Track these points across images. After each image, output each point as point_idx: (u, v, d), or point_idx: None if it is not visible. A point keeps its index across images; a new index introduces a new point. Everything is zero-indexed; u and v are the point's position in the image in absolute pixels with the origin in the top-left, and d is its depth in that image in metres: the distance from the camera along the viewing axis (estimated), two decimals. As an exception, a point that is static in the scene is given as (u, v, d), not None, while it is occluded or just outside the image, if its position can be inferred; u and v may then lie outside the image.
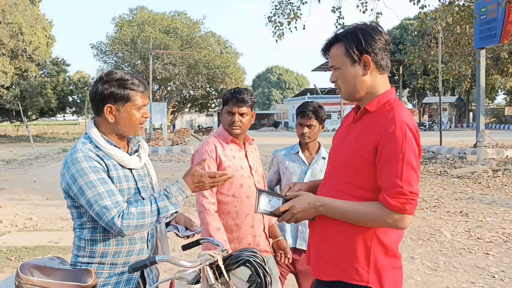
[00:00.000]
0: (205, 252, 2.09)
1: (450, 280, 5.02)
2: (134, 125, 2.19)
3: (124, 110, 2.16)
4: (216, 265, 2.07)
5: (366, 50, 1.91)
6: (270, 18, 14.22)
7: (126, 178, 2.19)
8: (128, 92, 2.14)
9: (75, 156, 2.09)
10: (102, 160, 2.12)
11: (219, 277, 2.07)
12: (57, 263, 2.15)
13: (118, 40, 42.15)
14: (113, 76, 2.16)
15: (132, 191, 2.21)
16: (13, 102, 34.22)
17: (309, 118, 3.14)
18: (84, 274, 2.05)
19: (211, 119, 66.20)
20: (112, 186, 2.07)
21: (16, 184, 13.68)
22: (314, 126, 3.16)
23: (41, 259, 2.15)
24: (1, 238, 6.95)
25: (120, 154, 2.19)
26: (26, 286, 1.94)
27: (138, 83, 2.17)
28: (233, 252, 2.17)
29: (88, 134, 2.21)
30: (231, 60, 45.34)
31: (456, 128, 49.55)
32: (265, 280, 2.10)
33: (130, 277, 2.20)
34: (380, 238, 1.91)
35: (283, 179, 3.24)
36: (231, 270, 2.13)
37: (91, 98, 2.21)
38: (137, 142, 2.34)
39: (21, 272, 1.96)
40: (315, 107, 3.18)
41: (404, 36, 48.10)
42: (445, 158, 16.75)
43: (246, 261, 2.11)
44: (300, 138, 3.21)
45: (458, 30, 16.85)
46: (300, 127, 3.18)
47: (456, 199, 9.76)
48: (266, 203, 2.01)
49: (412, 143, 1.83)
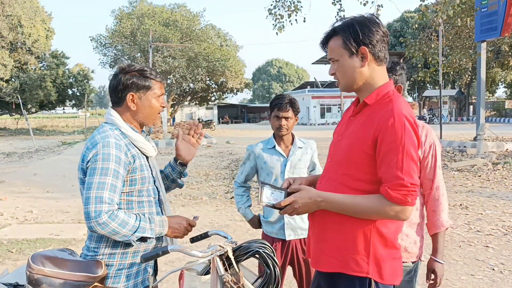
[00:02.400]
0: (215, 244, 2.10)
1: (450, 272, 5.04)
2: (154, 113, 2.31)
3: (145, 98, 2.27)
4: (225, 256, 2.09)
5: (364, 42, 1.91)
6: (271, 10, 14.16)
7: (147, 166, 2.28)
8: (149, 81, 2.27)
9: (107, 140, 2.14)
10: (129, 150, 2.19)
11: (228, 268, 2.08)
12: (67, 254, 2.19)
13: (117, 33, 41.98)
14: (134, 67, 2.28)
15: (151, 179, 2.29)
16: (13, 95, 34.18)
17: (286, 110, 3.15)
18: (94, 265, 2.09)
19: (211, 112, 66.13)
20: (120, 183, 2.12)
21: (16, 177, 13.69)
22: (290, 118, 3.17)
23: (51, 250, 2.18)
24: (2, 230, 6.97)
25: (144, 141, 2.28)
26: (37, 276, 1.97)
27: (156, 73, 2.32)
28: (243, 243, 2.17)
29: (110, 121, 2.25)
30: (231, 53, 45.20)
31: (456, 122, 49.53)
32: (275, 271, 2.11)
33: (147, 265, 2.27)
34: (380, 229, 1.91)
35: (262, 174, 3.23)
36: (241, 261, 2.14)
37: (113, 89, 2.27)
38: (146, 134, 2.39)
39: (32, 263, 1.99)
40: (291, 99, 3.19)
41: (405, 29, 47.97)
42: (445, 151, 16.77)
43: (255, 252, 2.12)
44: (276, 131, 3.20)
45: (459, 23, 16.79)
46: (276, 119, 3.17)
47: (456, 192, 9.78)
48: (268, 195, 2.03)
49: (411, 135, 1.84)
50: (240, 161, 15.67)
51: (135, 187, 2.20)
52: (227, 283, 2.02)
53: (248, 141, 25.37)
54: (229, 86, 47.46)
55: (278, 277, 2.11)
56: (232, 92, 51.35)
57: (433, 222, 2.48)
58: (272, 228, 3.20)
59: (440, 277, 2.51)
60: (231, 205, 8.70)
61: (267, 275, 2.12)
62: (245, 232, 6.88)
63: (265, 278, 2.13)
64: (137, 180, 2.20)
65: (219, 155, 19.32)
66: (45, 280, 1.97)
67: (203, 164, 16.16)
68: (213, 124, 46.25)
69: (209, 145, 24.49)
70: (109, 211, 2.02)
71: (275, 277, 2.10)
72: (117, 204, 2.09)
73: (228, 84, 46.89)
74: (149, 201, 2.27)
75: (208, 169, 14.64)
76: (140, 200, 2.23)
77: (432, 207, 2.45)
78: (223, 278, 2.03)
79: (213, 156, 18.97)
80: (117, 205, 2.08)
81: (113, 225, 2.01)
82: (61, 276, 1.99)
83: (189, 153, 2.56)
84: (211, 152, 20.49)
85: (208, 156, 19.00)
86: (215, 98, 53.06)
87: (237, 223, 7.43)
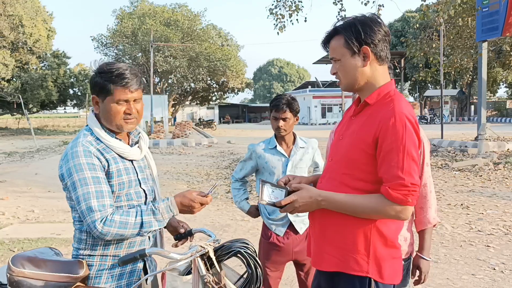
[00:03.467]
0: (196, 244, 2.09)
1: (451, 272, 5.04)
2: (114, 119, 2.15)
3: (106, 102, 2.14)
4: (207, 256, 2.08)
5: (366, 41, 1.91)
6: (272, 10, 14.16)
7: (126, 171, 2.20)
8: (108, 86, 2.12)
9: (75, 149, 2.10)
10: (102, 155, 2.13)
11: (210, 268, 2.08)
12: (49, 255, 2.16)
13: (118, 33, 42.06)
14: (101, 68, 2.16)
15: (133, 183, 2.22)
16: (14, 94, 34.24)
17: (283, 111, 3.15)
18: (76, 265, 2.07)
19: (212, 112, 66.14)
20: (105, 186, 2.07)
21: (18, 177, 13.71)
22: (289, 119, 3.17)
23: (32, 251, 2.15)
24: (4, 230, 6.98)
25: (121, 146, 2.20)
26: (17, 278, 1.95)
27: (123, 77, 2.12)
28: (225, 243, 2.18)
29: (89, 126, 2.21)
30: (232, 53, 45.25)
31: (457, 121, 49.47)
32: (256, 272, 2.11)
33: (134, 268, 2.22)
34: (380, 229, 1.92)
35: (264, 173, 3.24)
36: (223, 261, 2.14)
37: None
38: (138, 134, 2.34)
39: (12, 265, 1.96)
40: (289, 100, 3.18)
41: (406, 29, 47.97)
42: (446, 151, 16.75)
43: (237, 252, 2.13)
44: (276, 131, 3.22)
45: (460, 23, 16.81)
46: (275, 120, 3.19)
47: (457, 191, 9.78)
48: (269, 194, 2.03)
49: (412, 135, 1.84)
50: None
51: (112, 192, 2.14)
52: (208, 283, 2.02)
53: (249, 141, 25.31)
54: (230, 85, 47.54)
55: (260, 277, 2.12)
56: (233, 91, 51.45)
57: (420, 219, 2.50)
58: (277, 226, 3.20)
59: (425, 274, 2.54)
60: (232, 205, 8.69)
61: (249, 275, 2.12)
62: (246, 231, 6.89)
63: (247, 278, 2.14)
64: (114, 185, 2.14)
65: (220, 154, 19.33)
66: (25, 282, 1.95)
67: (204, 163, 16.16)
68: (214, 124, 46.28)
69: (210, 145, 24.50)
70: (102, 218, 1.99)
71: (256, 277, 2.11)
72: (111, 206, 2.05)
73: (229, 83, 46.97)
74: (130, 205, 2.19)
75: (209, 169, 14.64)
76: (118, 205, 2.15)
77: (419, 204, 2.47)
78: (205, 278, 2.03)
79: (214, 155, 18.98)
80: (111, 208, 2.04)
81: (114, 230, 1.99)
82: (41, 277, 1.97)
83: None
84: (212, 152, 20.49)
85: (209, 155, 19.01)
86: (216, 97, 53.13)
87: (238, 223, 7.43)
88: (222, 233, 6.78)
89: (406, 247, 2.43)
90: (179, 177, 12.89)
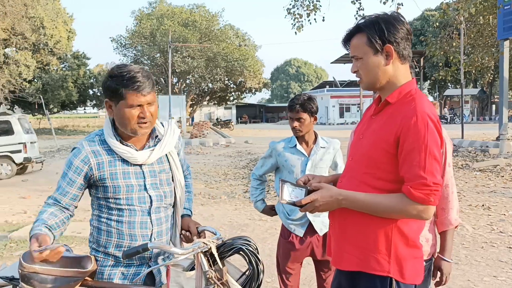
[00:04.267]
0: (199, 240, 2.13)
1: (472, 273, 4.98)
2: (128, 124, 2.12)
3: (119, 107, 2.12)
4: (210, 253, 2.11)
5: (389, 39, 1.89)
6: (289, 10, 14.11)
7: (125, 175, 2.19)
8: (121, 90, 2.08)
9: (74, 147, 2.23)
10: (97, 157, 2.18)
11: (213, 264, 2.11)
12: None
13: (137, 34, 42.47)
14: (113, 72, 2.13)
15: (136, 188, 2.21)
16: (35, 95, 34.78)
17: (297, 111, 3.14)
18: (84, 260, 2.11)
19: (230, 112, 66.31)
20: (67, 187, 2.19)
21: (39, 176, 13.96)
22: (304, 119, 3.15)
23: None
24: (26, 228, 7.11)
25: (124, 150, 2.19)
26: (29, 274, 2.01)
27: (135, 81, 2.08)
28: (227, 240, 2.20)
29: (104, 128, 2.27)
30: (250, 53, 45.29)
31: (478, 121, 48.72)
32: (257, 269, 2.14)
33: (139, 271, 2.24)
34: (401, 228, 1.90)
35: (283, 172, 3.24)
36: (225, 257, 2.17)
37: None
38: (156, 137, 2.29)
39: (23, 261, 2.01)
40: (303, 101, 3.17)
41: (425, 27, 47.41)
42: (467, 151, 16.51)
43: (239, 249, 2.15)
44: (292, 131, 3.23)
45: (481, 21, 16.50)
46: (291, 121, 3.20)
47: (478, 192, 9.63)
48: (289, 193, 2.02)
49: (434, 134, 1.82)
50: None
51: (109, 194, 2.19)
52: (210, 279, 2.05)
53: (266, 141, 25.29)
54: (247, 85, 47.57)
55: (261, 274, 2.14)
56: (251, 91, 51.47)
57: (441, 220, 2.47)
58: (296, 226, 3.19)
59: (446, 275, 2.50)
60: (250, 205, 8.71)
61: (251, 272, 2.15)
62: (264, 231, 6.90)
63: (248, 275, 2.16)
64: (109, 187, 2.18)
65: (238, 154, 19.37)
66: (36, 277, 2.00)
67: (222, 163, 16.22)
68: (231, 124, 46.39)
69: (228, 145, 24.57)
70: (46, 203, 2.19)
71: (258, 274, 2.13)
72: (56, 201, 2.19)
73: (246, 83, 47.00)
74: (131, 209, 2.20)
75: (226, 169, 14.69)
76: (118, 208, 2.20)
77: (441, 205, 2.44)
78: (207, 274, 2.05)
79: (231, 155, 19.03)
80: (60, 204, 2.19)
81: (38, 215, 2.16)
82: (51, 273, 2.02)
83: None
84: (229, 152, 20.55)
85: (227, 155, 19.07)
86: (234, 98, 53.24)
87: (256, 222, 7.44)
88: (240, 233, 6.80)
89: (428, 247, 2.41)
90: (197, 177, 12.96)
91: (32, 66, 33.79)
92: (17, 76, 31.03)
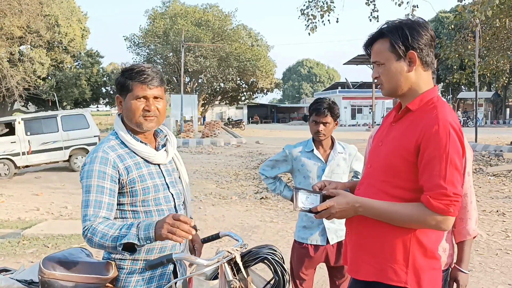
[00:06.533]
0: (223, 249, 2.08)
1: (486, 281, 4.90)
2: (133, 116, 2.14)
3: (126, 100, 2.17)
4: (234, 262, 2.07)
5: (412, 46, 1.85)
6: (303, 11, 14.11)
7: (151, 176, 2.19)
8: (128, 82, 2.14)
9: (95, 154, 2.11)
10: (123, 162, 2.12)
11: (237, 273, 2.07)
12: (79, 256, 2.19)
13: (150, 33, 42.70)
14: (124, 68, 2.21)
15: (161, 187, 2.21)
16: (49, 92, 35.18)
17: (324, 115, 3.08)
18: (105, 267, 2.08)
19: (241, 112, 66.34)
20: (106, 198, 2.04)
21: (52, 173, 14.06)
22: (329, 124, 3.10)
23: (62, 252, 2.19)
24: (38, 226, 7.16)
25: (146, 150, 2.19)
26: (49, 280, 2.00)
27: (142, 73, 2.13)
28: (252, 249, 2.16)
29: (115, 130, 2.23)
30: (262, 53, 45.29)
31: (492, 125, 48.15)
32: (283, 279, 2.09)
33: (164, 272, 2.21)
34: (420, 238, 1.86)
35: (298, 176, 3.18)
36: (249, 266, 2.12)
37: None
38: (165, 137, 2.33)
39: (43, 267, 2.01)
40: (330, 104, 3.11)
41: (440, 30, 47.00)
42: (481, 156, 16.33)
43: (264, 259, 2.11)
44: (314, 135, 3.14)
45: (497, 24, 16.32)
46: (315, 124, 3.11)
47: (492, 198, 9.50)
48: (304, 200, 1.98)
49: (456, 143, 1.77)
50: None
51: (137, 197, 2.14)
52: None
53: (277, 142, 25.32)
54: (259, 86, 47.58)
55: (287, 284, 2.09)
56: (262, 92, 51.46)
57: (459, 230, 2.42)
58: (311, 235, 3.14)
59: (463, 287, 2.44)
60: (261, 206, 8.68)
61: (276, 282, 2.10)
62: (275, 233, 6.86)
63: (273, 284, 2.11)
64: (138, 191, 2.13)
65: (249, 155, 19.36)
66: (56, 283, 2.00)
67: (233, 163, 16.21)
68: (242, 124, 46.43)
69: (239, 145, 24.57)
70: (90, 227, 1.98)
71: (283, 284, 2.09)
72: (104, 218, 2.02)
73: (258, 84, 47.02)
74: (159, 209, 2.18)
75: (237, 169, 14.68)
76: (146, 210, 2.16)
77: (459, 214, 2.38)
78: (231, 283, 2.01)
79: (242, 156, 19.02)
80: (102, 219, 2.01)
81: (96, 240, 1.95)
82: (72, 279, 2.01)
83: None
84: (240, 152, 20.55)
85: (238, 156, 19.06)
86: (245, 97, 53.24)
87: (267, 224, 7.41)
88: (251, 235, 6.77)
89: (446, 258, 2.36)
90: (208, 177, 12.97)
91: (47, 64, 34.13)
92: (31, 74, 31.35)
